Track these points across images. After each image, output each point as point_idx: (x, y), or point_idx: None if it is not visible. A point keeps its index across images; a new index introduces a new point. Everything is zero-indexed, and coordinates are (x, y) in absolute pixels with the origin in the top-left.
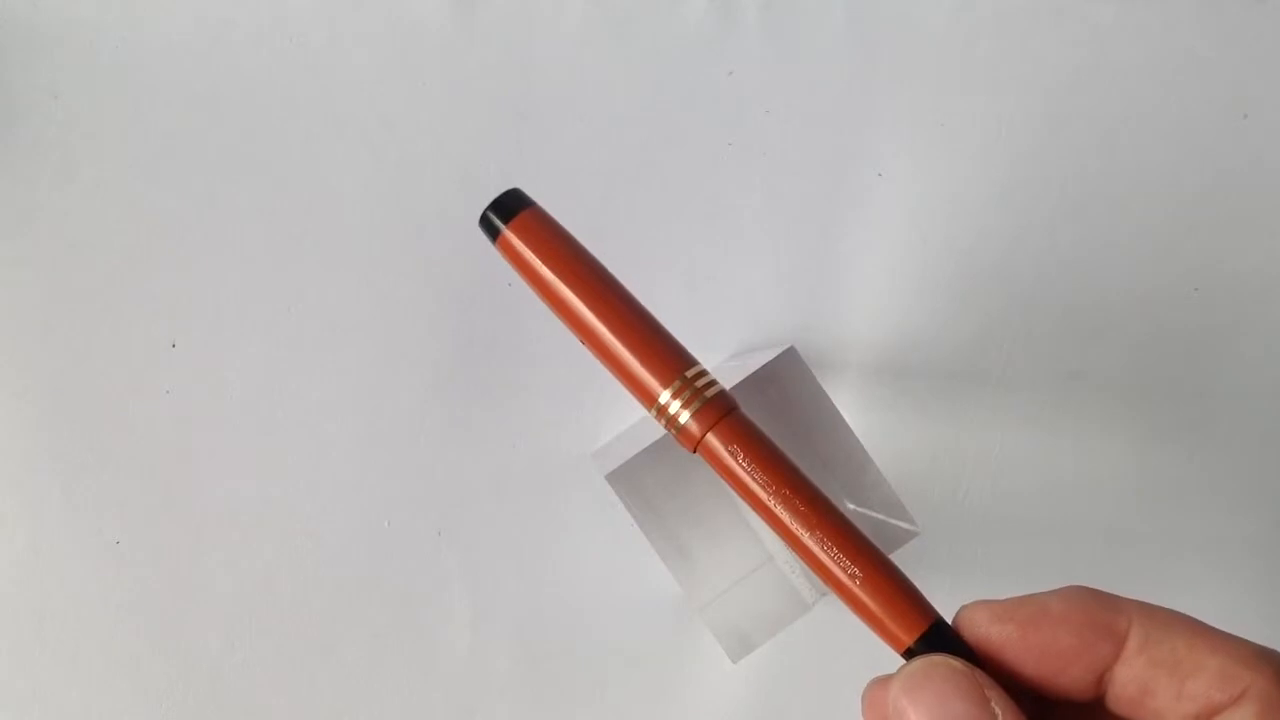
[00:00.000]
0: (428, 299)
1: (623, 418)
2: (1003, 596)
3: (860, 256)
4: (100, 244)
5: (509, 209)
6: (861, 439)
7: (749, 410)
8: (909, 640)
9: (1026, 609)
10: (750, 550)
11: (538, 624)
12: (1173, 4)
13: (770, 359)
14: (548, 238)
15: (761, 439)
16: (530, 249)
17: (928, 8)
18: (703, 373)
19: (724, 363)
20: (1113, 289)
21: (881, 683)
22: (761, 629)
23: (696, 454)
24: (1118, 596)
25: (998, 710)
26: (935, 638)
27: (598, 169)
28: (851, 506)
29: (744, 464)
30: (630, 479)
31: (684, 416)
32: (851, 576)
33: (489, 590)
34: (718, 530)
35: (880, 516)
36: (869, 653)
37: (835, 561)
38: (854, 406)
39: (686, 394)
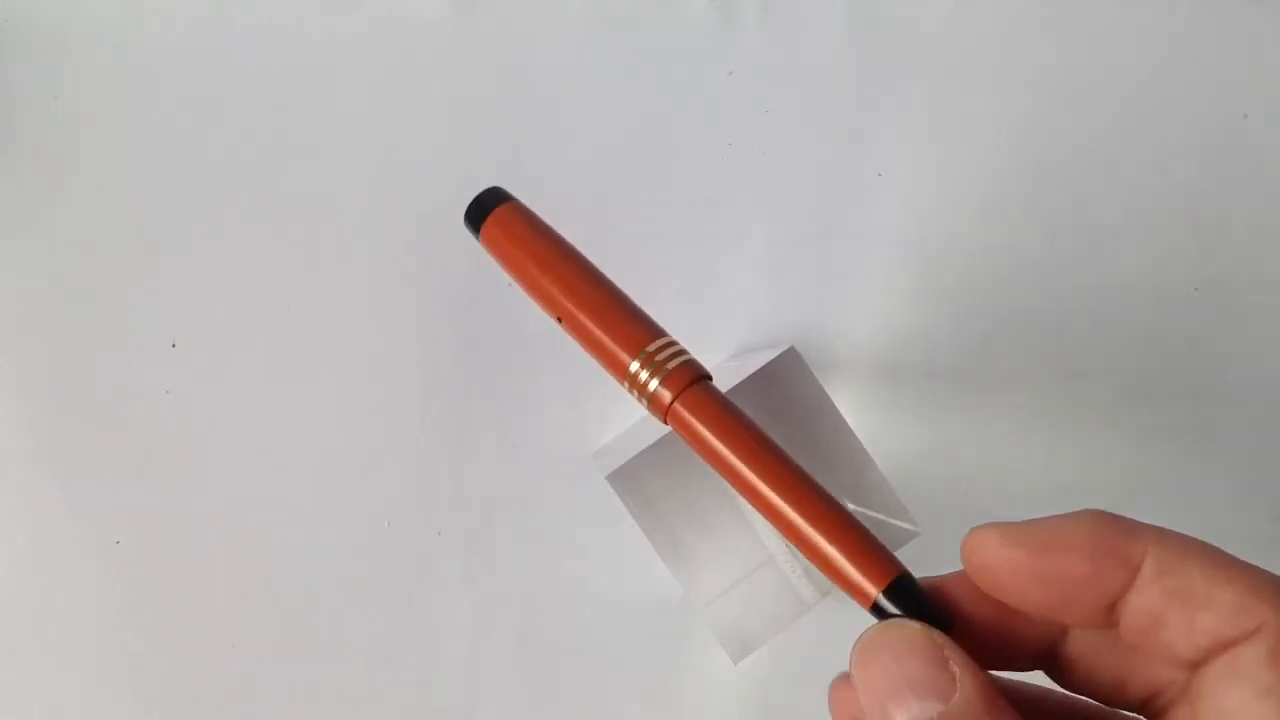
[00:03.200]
0: (428, 299)
1: (623, 418)
2: None
3: (860, 256)
4: (100, 244)
5: (488, 205)
6: (862, 439)
7: (749, 410)
8: (875, 592)
9: (1039, 533)
10: (750, 550)
11: (538, 624)
12: (1173, 4)
13: (770, 359)
14: (523, 229)
15: (727, 404)
16: (508, 241)
17: (928, 8)
18: (671, 343)
19: (724, 363)
20: (1113, 289)
21: (845, 679)
22: (762, 629)
23: (668, 423)
24: (1134, 522)
25: (956, 670)
26: (901, 591)
27: (598, 169)
28: (852, 507)
29: (711, 428)
30: (630, 479)
31: (653, 384)
32: (817, 531)
33: (489, 590)
34: (718, 530)
35: (881, 516)
36: None
37: (801, 518)
38: (854, 406)
39: (654, 363)
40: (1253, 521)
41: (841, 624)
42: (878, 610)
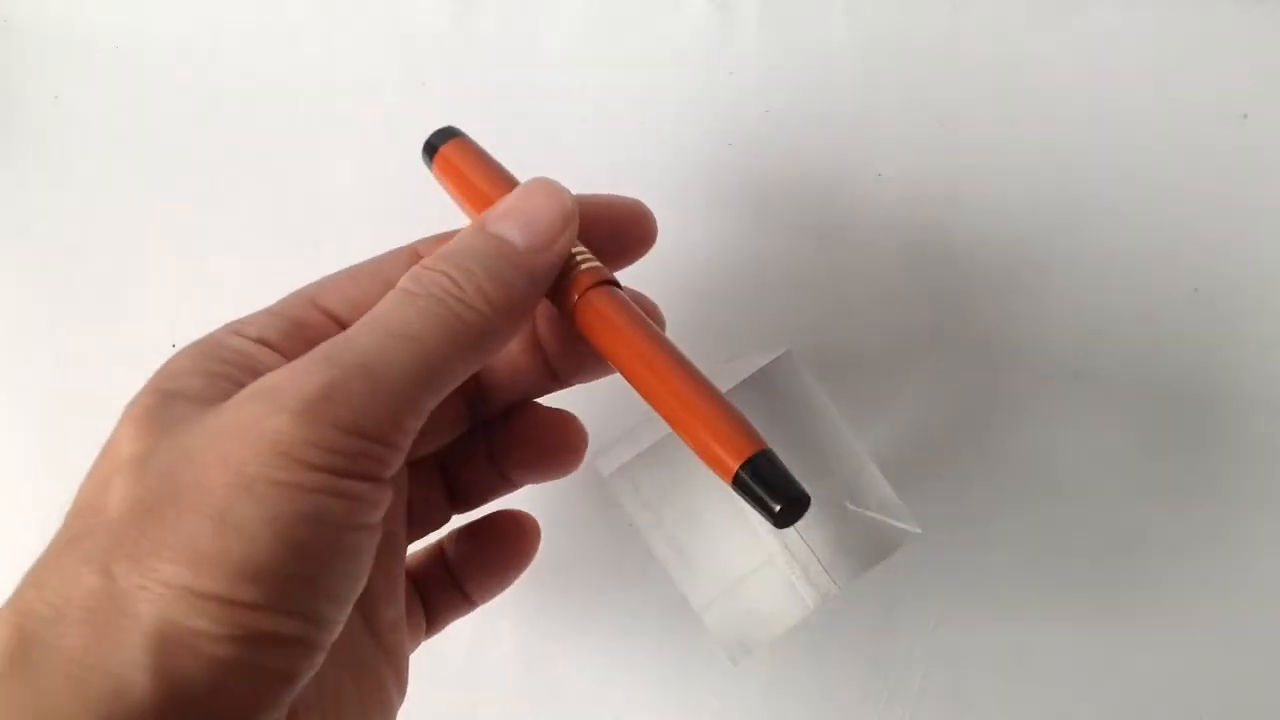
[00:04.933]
0: None
1: (623, 420)
2: (1002, 594)
3: (859, 257)
4: (100, 244)
5: (437, 143)
6: (860, 440)
7: (747, 412)
8: (734, 465)
9: None
10: (750, 552)
11: (538, 624)
12: (1172, 4)
13: (767, 362)
14: (470, 157)
15: (628, 304)
16: (458, 168)
17: (928, 8)
18: (583, 251)
19: (721, 365)
20: (1113, 289)
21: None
22: (761, 631)
23: (573, 318)
24: None
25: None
26: (761, 465)
27: (597, 169)
28: (851, 508)
29: (607, 321)
30: (630, 481)
31: (565, 281)
32: (683, 403)
33: None
34: (717, 532)
35: (880, 518)
36: (870, 654)
37: (670, 390)
38: (852, 408)
39: (567, 266)
40: (1253, 522)
41: (842, 624)
42: (738, 483)
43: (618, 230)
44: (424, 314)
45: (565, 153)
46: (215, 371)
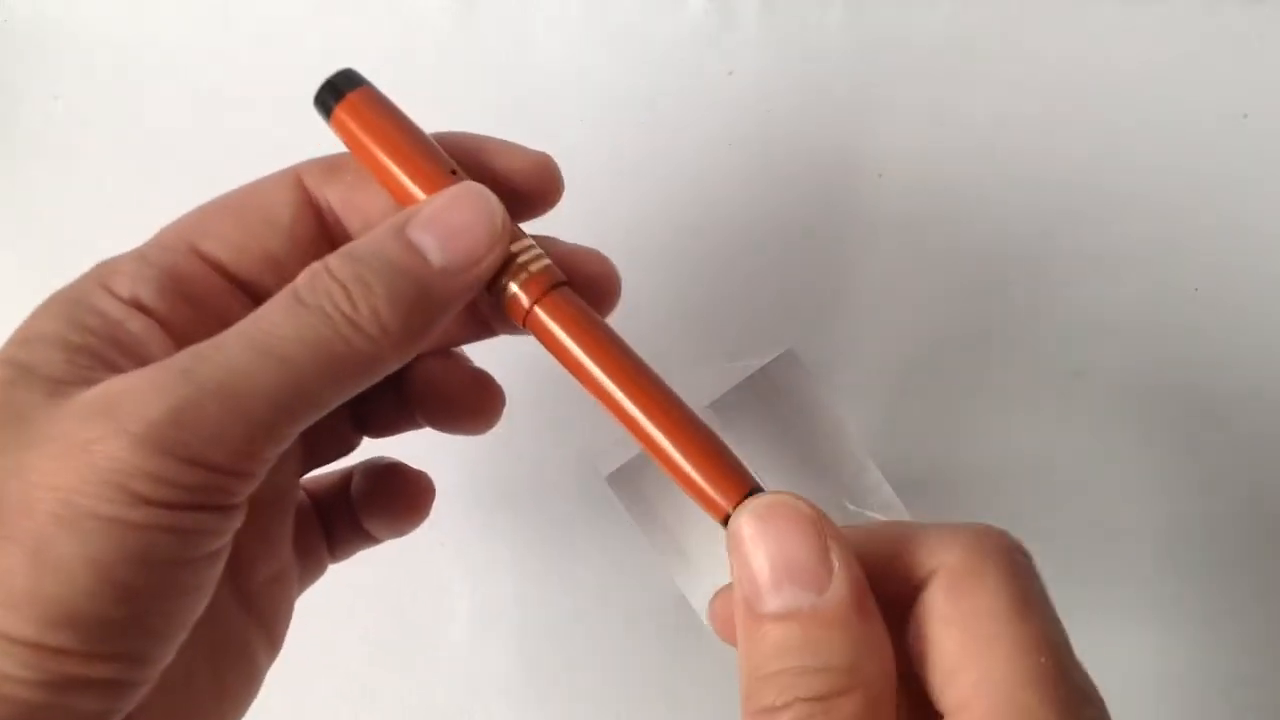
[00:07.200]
0: None
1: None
2: None
3: (859, 257)
4: (100, 244)
5: (340, 89)
6: (860, 441)
7: (747, 412)
8: (728, 507)
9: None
10: None
11: (538, 624)
12: (1173, 4)
13: (768, 361)
14: (379, 114)
15: (587, 311)
16: (360, 127)
17: (928, 8)
18: (533, 246)
19: (722, 365)
20: (1113, 289)
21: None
22: None
23: (526, 328)
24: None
25: (836, 562)
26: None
27: (597, 169)
28: (851, 508)
29: (569, 334)
30: (630, 480)
31: (512, 287)
32: (672, 442)
33: (489, 590)
34: (718, 531)
35: (880, 518)
36: None
37: (657, 428)
38: (853, 408)
39: (513, 266)
40: (1253, 521)
41: None
42: (728, 523)
43: (518, 184)
44: (304, 331)
45: (565, 153)
46: (76, 344)
